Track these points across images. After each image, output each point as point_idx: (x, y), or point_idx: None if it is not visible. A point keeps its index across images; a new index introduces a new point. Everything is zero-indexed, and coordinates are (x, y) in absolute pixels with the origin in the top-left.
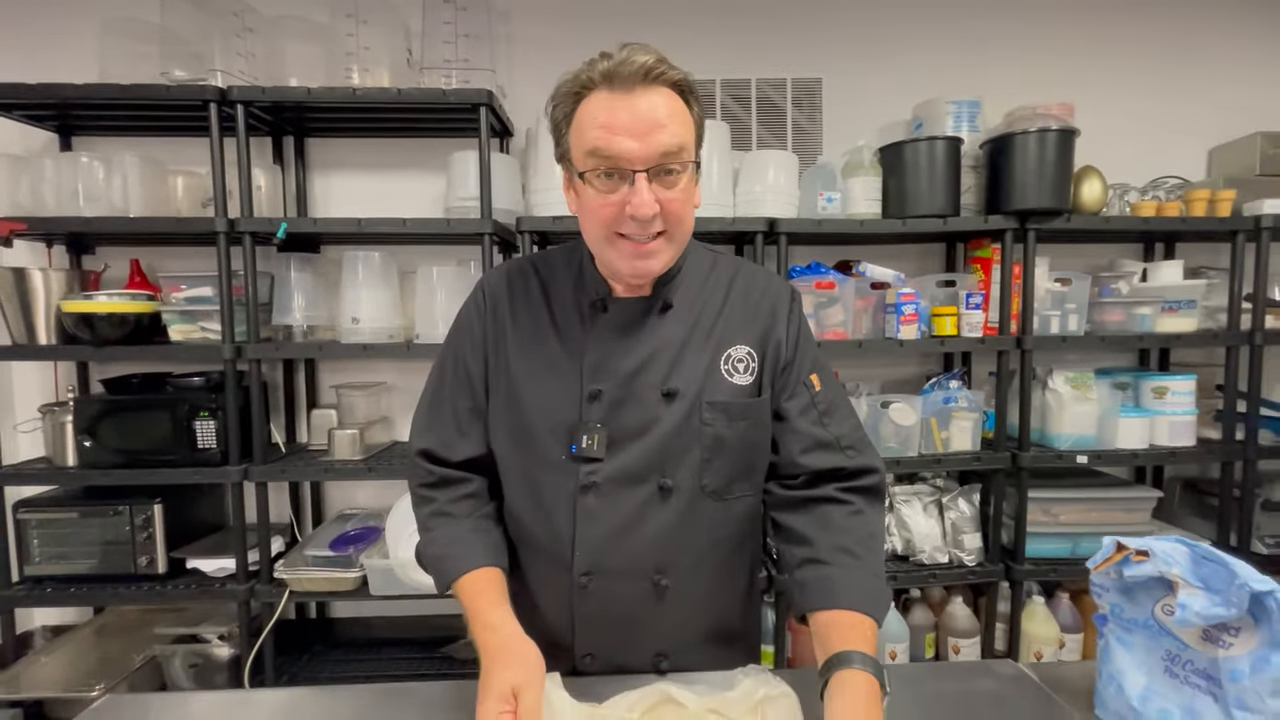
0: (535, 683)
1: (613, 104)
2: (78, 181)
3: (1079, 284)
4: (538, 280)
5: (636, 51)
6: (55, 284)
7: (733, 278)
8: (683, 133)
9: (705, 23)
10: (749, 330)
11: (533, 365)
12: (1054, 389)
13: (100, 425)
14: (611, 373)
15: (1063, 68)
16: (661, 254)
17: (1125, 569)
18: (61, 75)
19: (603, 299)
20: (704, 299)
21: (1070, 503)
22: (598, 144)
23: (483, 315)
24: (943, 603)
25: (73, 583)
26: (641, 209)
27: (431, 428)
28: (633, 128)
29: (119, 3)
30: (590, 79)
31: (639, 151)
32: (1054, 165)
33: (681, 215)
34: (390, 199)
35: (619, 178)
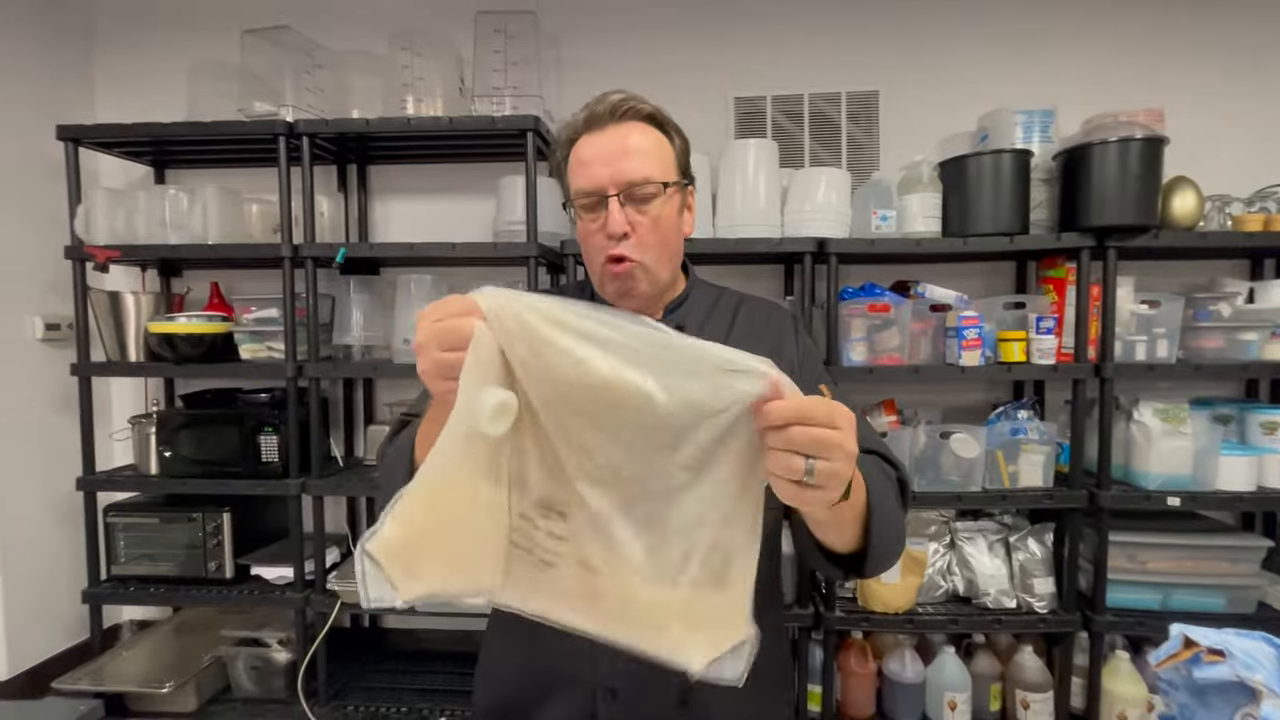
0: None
1: (592, 141)
2: (165, 211)
3: (1169, 306)
4: None
5: (611, 94)
6: (145, 306)
7: (738, 306)
8: (652, 160)
9: (755, 40)
10: (758, 350)
11: None
12: (1140, 421)
13: (177, 437)
14: None
15: (1149, 70)
16: (637, 278)
17: (1196, 669)
18: (159, 114)
19: None
20: (712, 324)
21: (1161, 549)
22: (579, 177)
23: None
24: (1010, 651)
25: (152, 583)
26: (612, 225)
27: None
28: (604, 158)
29: (207, 45)
30: (576, 126)
31: (608, 177)
32: (1138, 177)
33: (649, 239)
34: (445, 222)
35: (599, 204)
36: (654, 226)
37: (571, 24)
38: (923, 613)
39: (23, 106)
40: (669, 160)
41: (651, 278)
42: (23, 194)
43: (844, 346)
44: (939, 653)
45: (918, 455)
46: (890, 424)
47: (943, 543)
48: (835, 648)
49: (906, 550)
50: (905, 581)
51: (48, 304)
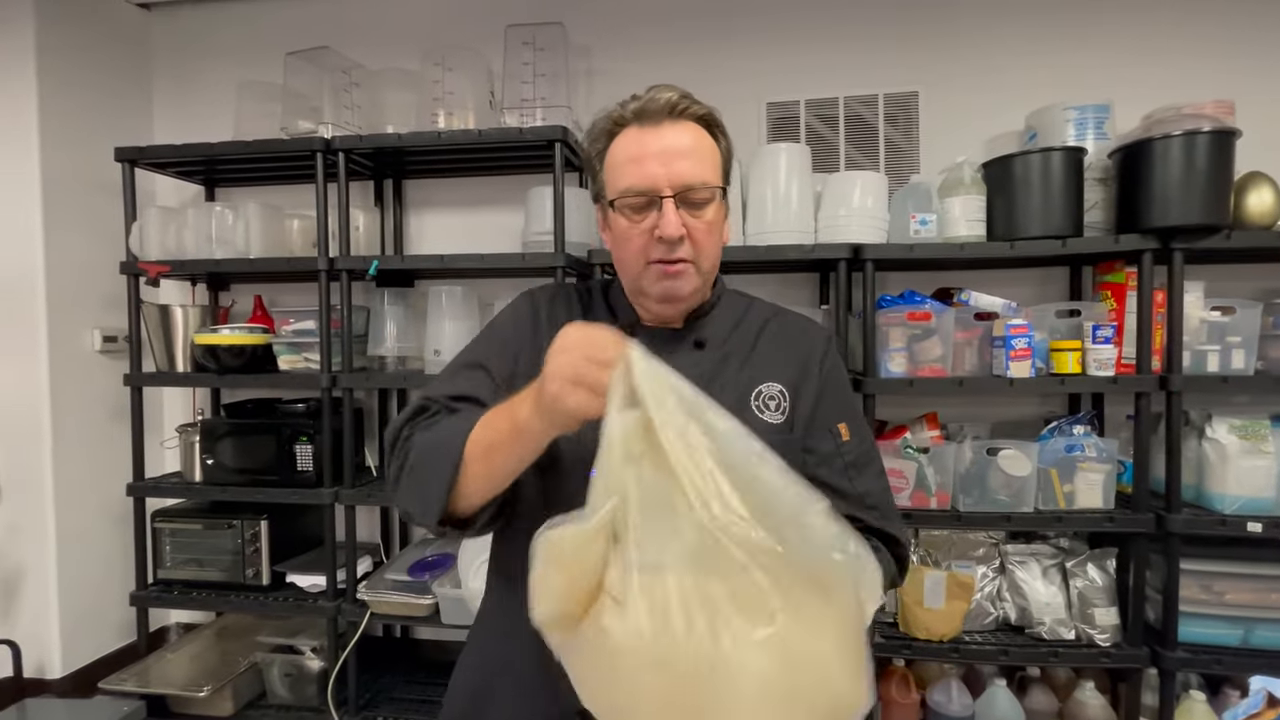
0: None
1: (642, 138)
2: (211, 227)
3: (1245, 313)
4: (580, 304)
5: (663, 90)
6: (192, 318)
7: (767, 320)
8: (707, 163)
9: (788, 45)
10: (783, 369)
11: None
12: (1214, 438)
13: (218, 445)
14: None
15: (1217, 59)
16: (688, 277)
17: None
18: (211, 136)
19: (632, 325)
20: (737, 336)
21: (1240, 579)
22: (629, 175)
23: (520, 324)
24: (1069, 686)
25: (195, 588)
26: (668, 229)
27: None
28: (660, 157)
29: (255, 68)
30: (622, 117)
31: (665, 179)
32: (1206, 173)
33: (706, 244)
34: (478, 234)
35: (648, 205)
36: (709, 231)
37: (602, 35)
38: (970, 641)
39: (89, 132)
40: (718, 164)
41: (701, 279)
42: (88, 214)
43: (882, 357)
44: (989, 685)
45: (963, 473)
46: (933, 439)
47: (991, 566)
48: (875, 675)
49: (951, 573)
50: (950, 606)
51: (107, 317)
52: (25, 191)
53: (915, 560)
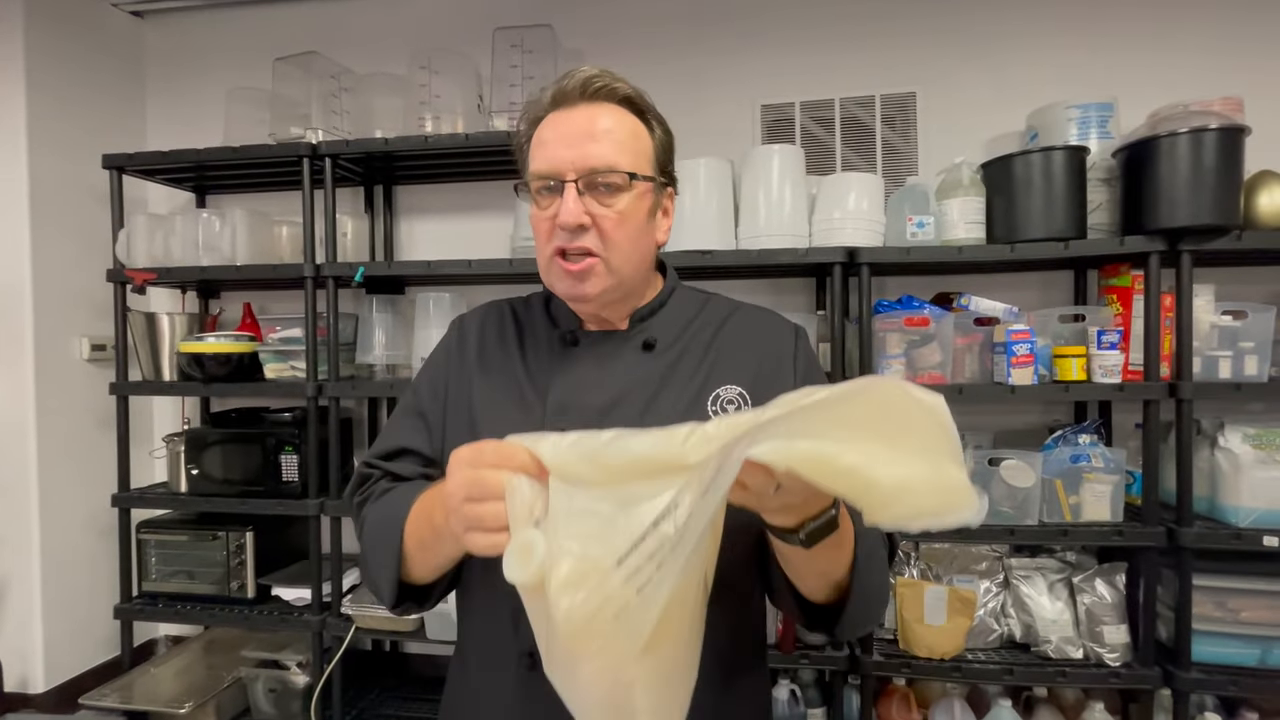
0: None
1: (556, 120)
2: (199, 234)
3: (1258, 317)
4: (514, 322)
5: (582, 69)
6: (179, 326)
7: (726, 317)
8: (625, 148)
9: (782, 47)
10: (742, 370)
11: (494, 404)
12: (1227, 448)
13: (203, 455)
14: (578, 411)
15: (1224, 56)
16: (596, 277)
17: None
18: (202, 143)
19: (572, 331)
20: (688, 337)
21: (1257, 596)
22: (536, 158)
23: (448, 356)
24: (1078, 707)
25: (180, 601)
26: (565, 215)
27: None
28: (566, 138)
29: (245, 75)
30: (542, 104)
31: (569, 161)
32: (1215, 172)
33: (616, 236)
34: (468, 240)
35: (556, 190)
36: (620, 223)
37: (593, 38)
38: (973, 660)
39: (80, 140)
40: (644, 152)
41: (614, 278)
42: (77, 221)
43: (879, 364)
44: (994, 705)
45: None
46: None
47: (995, 581)
48: (874, 694)
49: (953, 588)
50: (953, 623)
51: (95, 325)
52: (13, 199)
53: (915, 574)
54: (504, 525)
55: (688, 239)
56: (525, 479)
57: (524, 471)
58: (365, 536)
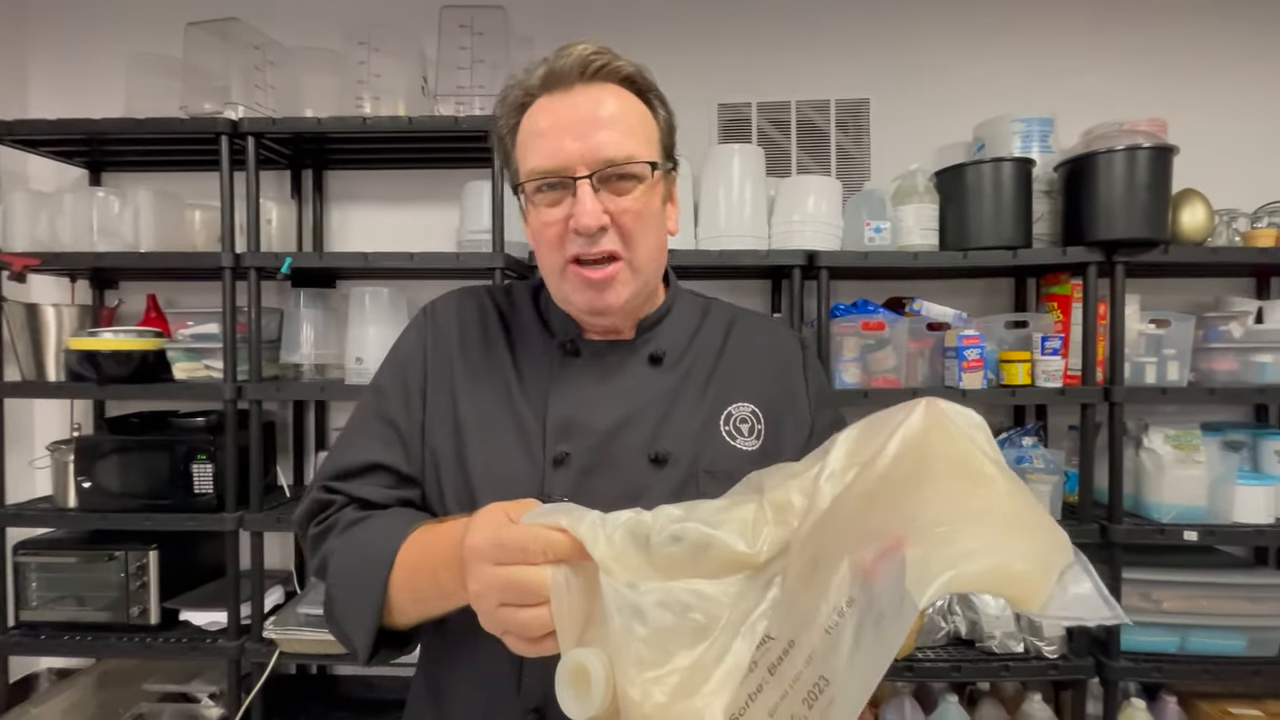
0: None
1: (553, 106)
2: (93, 216)
3: (1180, 326)
4: (497, 314)
5: (574, 46)
6: (68, 320)
7: (730, 325)
8: (636, 134)
9: (739, 44)
10: (752, 386)
11: (485, 419)
12: (1150, 449)
13: (98, 465)
14: (583, 431)
15: (1149, 80)
16: (621, 284)
17: None
18: (96, 112)
19: (573, 340)
20: (696, 348)
21: (1176, 587)
22: (536, 152)
23: (424, 349)
24: (1017, 699)
25: (67, 630)
26: (584, 218)
27: (330, 466)
28: (572, 128)
29: (150, 38)
30: (530, 86)
31: (579, 154)
32: (1147, 189)
33: (637, 232)
34: (407, 232)
35: (562, 188)
36: (640, 217)
37: (546, 24)
38: (923, 658)
39: None
40: (653, 136)
41: (639, 280)
42: None
43: (837, 368)
44: (941, 701)
45: None
46: None
47: None
48: None
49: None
50: None
51: None
52: None
53: None
54: (549, 630)
55: None
56: (567, 572)
57: (564, 561)
58: (333, 579)
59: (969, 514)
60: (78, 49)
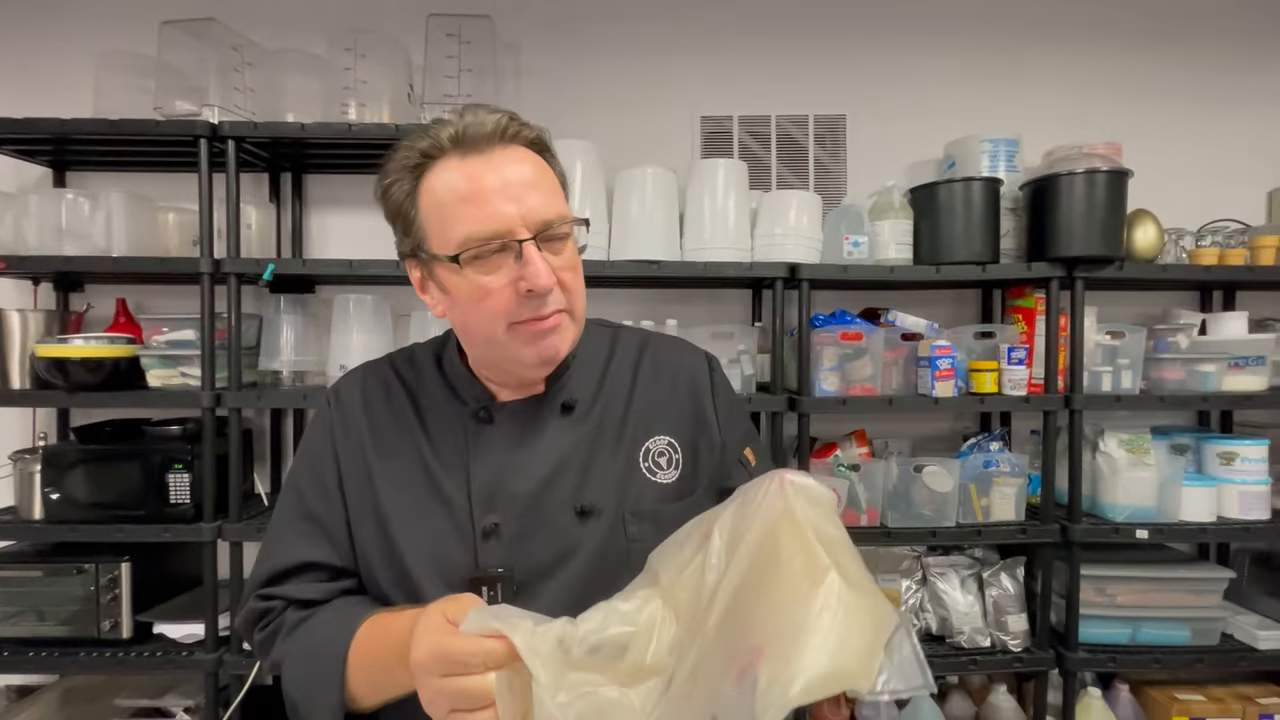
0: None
1: (470, 169)
2: (62, 218)
3: (1133, 337)
4: (402, 387)
5: (482, 111)
6: (33, 325)
7: (639, 357)
8: (555, 193)
9: (721, 57)
10: (667, 417)
11: (406, 500)
12: (1106, 452)
13: (68, 476)
14: (508, 498)
15: (1105, 105)
16: (564, 332)
17: None
18: (61, 110)
19: (485, 407)
20: (608, 388)
21: (1128, 582)
22: (469, 219)
23: (333, 439)
24: (984, 691)
25: (32, 647)
26: (541, 278)
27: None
28: (505, 191)
29: (119, 37)
30: (435, 146)
31: (518, 216)
32: (1105, 209)
33: (575, 286)
34: (388, 237)
35: (503, 252)
36: (575, 271)
37: (532, 32)
38: None
39: None
40: (562, 195)
41: (576, 328)
42: None
43: (816, 376)
44: (913, 697)
45: (890, 489)
46: (862, 456)
47: (914, 579)
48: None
49: (882, 588)
50: None
51: None
52: None
53: None
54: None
55: (634, 248)
56: (509, 674)
57: (503, 665)
58: (289, 684)
59: (810, 619)
60: (38, 45)
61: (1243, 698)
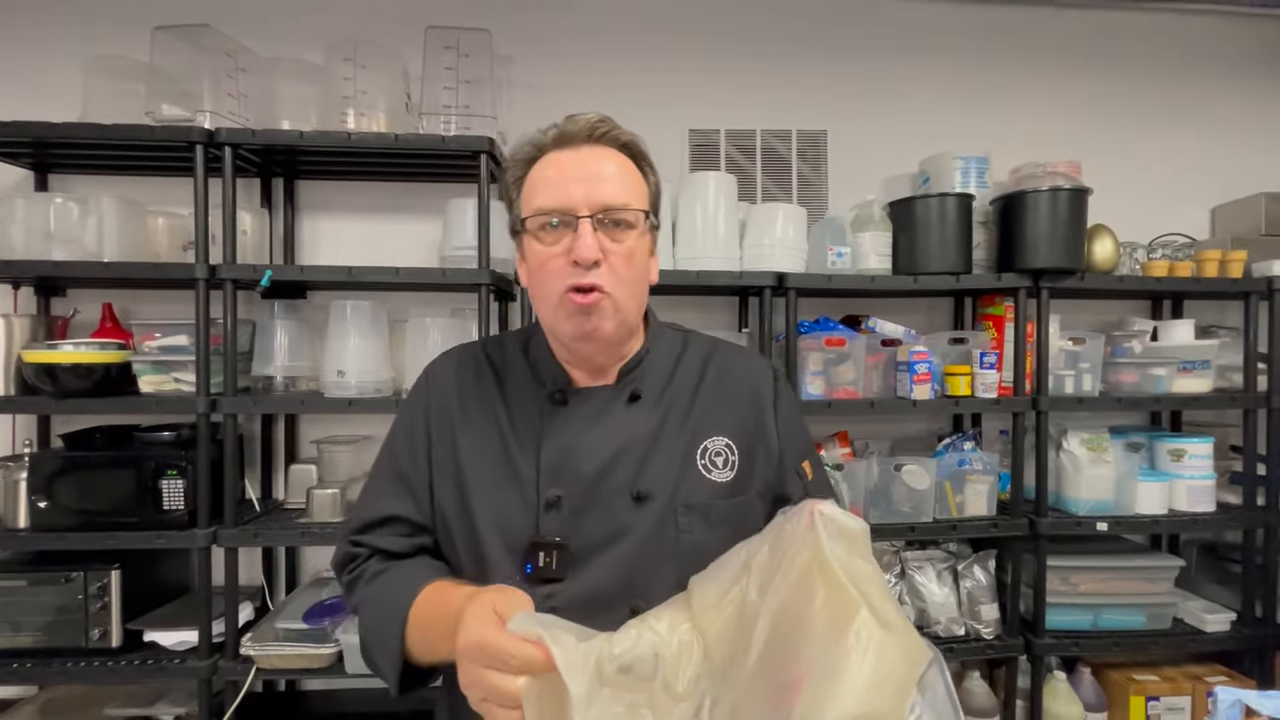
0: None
1: (561, 160)
2: (50, 222)
3: (1093, 343)
4: (490, 369)
5: (585, 113)
6: (18, 331)
7: (707, 360)
8: (631, 190)
9: (709, 72)
10: (727, 419)
11: (483, 470)
12: (1069, 451)
13: (57, 484)
14: (572, 475)
15: (1066, 125)
16: (604, 314)
17: None
18: (43, 112)
19: (561, 390)
20: (675, 385)
21: (1090, 571)
22: (544, 194)
23: (426, 411)
24: (959, 677)
25: (15, 657)
26: (584, 251)
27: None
28: (580, 179)
29: (108, 40)
30: (542, 143)
31: (582, 197)
32: (1067, 224)
33: (625, 273)
34: (381, 243)
35: (564, 226)
36: (629, 260)
37: (525, 46)
38: None
39: None
40: (644, 195)
41: (620, 316)
42: None
43: (803, 380)
44: None
45: (871, 487)
46: (844, 456)
47: (894, 573)
48: None
49: None
50: None
51: None
52: None
53: None
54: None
55: None
56: (541, 684)
57: (537, 672)
58: (363, 628)
59: (842, 658)
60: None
61: (1192, 677)
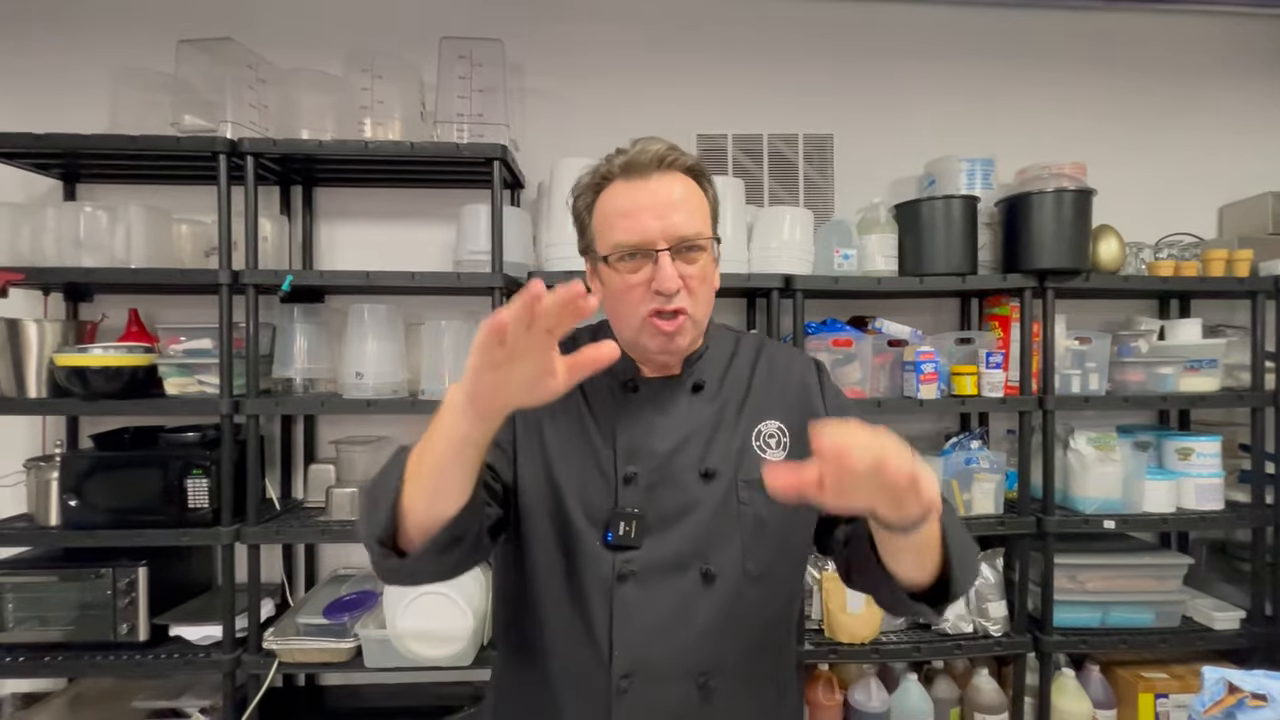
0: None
1: (632, 191)
2: (79, 230)
3: (1099, 343)
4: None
5: (650, 142)
6: (50, 335)
7: (756, 355)
8: (698, 213)
9: (716, 78)
10: (778, 406)
11: (566, 446)
12: (1076, 449)
13: (87, 483)
14: (647, 454)
15: (1071, 126)
16: (685, 332)
17: (1240, 714)
18: (69, 123)
19: (632, 379)
20: (731, 377)
21: (1098, 569)
22: (621, 229)
23: None
24: (967, 675)
25: (46, 651)
26: (667, 283)
27: None
28: (653, 210)
29: (133, 53)
30: (609, 171)
31: (660, 231)
32: (1072, 225)
33: (701, 293)
34: (396, 248)
35: (643, 257)
36: (704, 279)
37: (536, 54)
38: (886, 641)
39: None
40: (708, 214)
41: (697, 330)
42: None
43: None
44: (902, 681)
45: None
46: None
47: None
48: (802, 681)
49: None
50: (869, 610)
51: None
52: None
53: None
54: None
55: None
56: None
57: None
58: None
59: None
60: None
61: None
